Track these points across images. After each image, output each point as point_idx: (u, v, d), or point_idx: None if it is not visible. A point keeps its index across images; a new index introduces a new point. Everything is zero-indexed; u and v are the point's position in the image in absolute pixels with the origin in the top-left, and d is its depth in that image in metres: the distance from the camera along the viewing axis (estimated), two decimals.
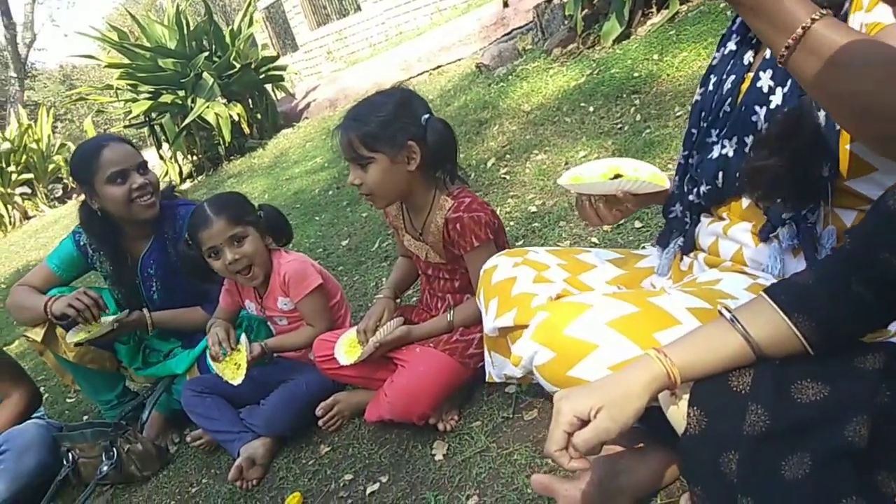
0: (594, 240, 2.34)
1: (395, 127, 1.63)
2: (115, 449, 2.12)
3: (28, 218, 10.93)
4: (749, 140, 1.15)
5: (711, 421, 0.87)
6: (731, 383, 0.88)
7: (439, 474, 1.55)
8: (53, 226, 9.61)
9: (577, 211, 1.45)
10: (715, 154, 1.23)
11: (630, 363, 0.93)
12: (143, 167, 2.18)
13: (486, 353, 1.48)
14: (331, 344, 1.87)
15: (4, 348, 2.88)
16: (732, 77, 1.20)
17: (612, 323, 1.06)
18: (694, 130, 1.29)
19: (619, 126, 3.26)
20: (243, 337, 2.00)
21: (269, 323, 2.18)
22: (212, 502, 1.85)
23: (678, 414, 0.92)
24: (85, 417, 2.80)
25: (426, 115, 1.67)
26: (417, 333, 1.79)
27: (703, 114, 1.26)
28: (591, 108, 3.57)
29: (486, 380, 1.46)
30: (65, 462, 2.21)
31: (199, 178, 7.63)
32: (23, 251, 8.89)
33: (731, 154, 1.19)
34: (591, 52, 4.42)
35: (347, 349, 1.82)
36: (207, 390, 2.08)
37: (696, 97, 1.29)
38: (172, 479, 2.08)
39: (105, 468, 2.11)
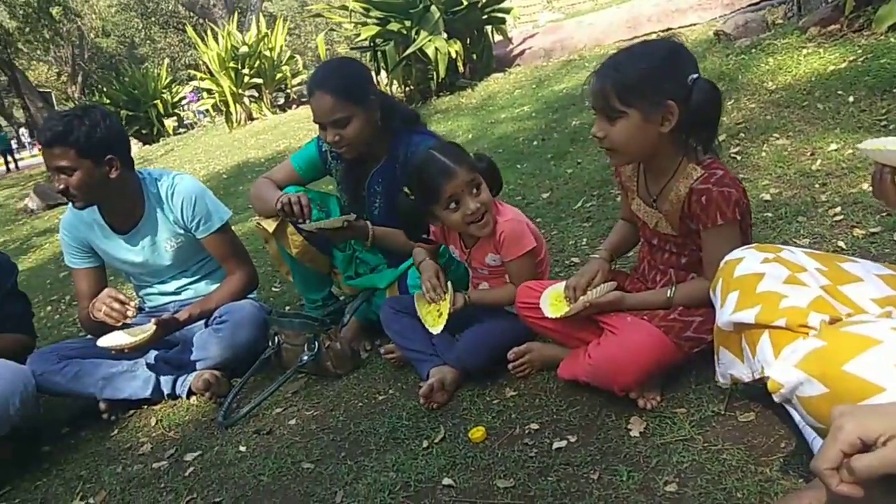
0: (840, 243, 2.09)
1: (656, 82, 1.53)
2: (317, 342, 2.28)
3: (252, 119, 12.02)
4: None
5: None
6: None
7: (634, 450, 1.49)
8: (272, 130, 10.49)
9: (872, 185, 1.27)
10: None
11: None
12: (339, 122, 2.18)
13: (714, 349, 1.38)
14: (536, 293, 1.85)
15: None
16: None
17: None
18: None
19: (884, 124, 2.87)
20: (450, 286, 2.00)
21: (468, 267, 2.19)
22: (396, 413, 1.94)
23: None
24: (287, 308, 3.04)
25: (694, 75, 1.54)
26: (630, 302, 1.72)
27: None
28: (851, 99, 3.17)
29: (715, 378, 1.37)
30: (270, 344, 2.42)
31: None
32: (244, 148, 9.83)
33: None
34: (857, 36, 3.90)
35: (553, 302, 1.79)
36: (405, 310, 2.16)
37: None
38: (361, 383, 2.21)
39: (305, 358, 2.28)
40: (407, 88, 7.99)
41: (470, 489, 1.52)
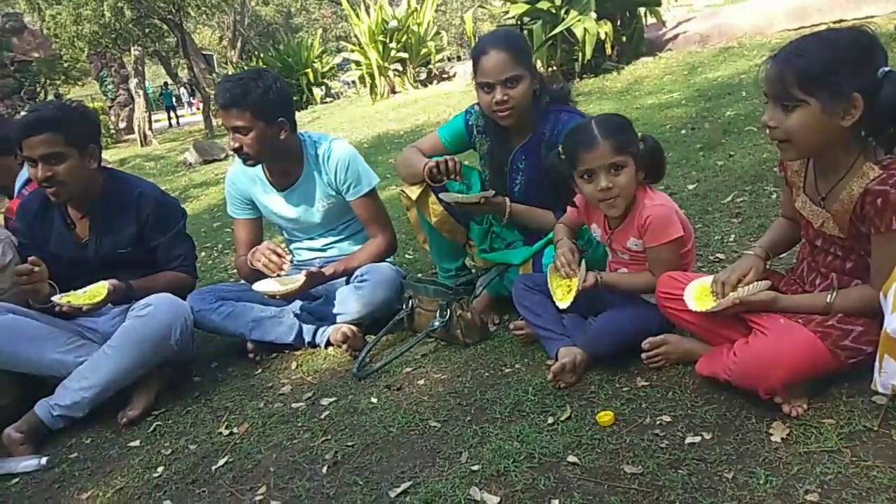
0: None
1: (843, 72, 1.43)
2: (449, 310, 2.34)
3: (394, 92, 12.36)
4: None
5: None
6: None
7: (774, 455, 1.43)
8: (412, 104, 10.74)
9: None
10: None
11: None
12: (511, 81, 2.20)
13: (878, 356, 1.29)
14: (680, 284, 1.80)
15: None
16: None
17: None
18: None
19: None
20: (584, 263, 1.99)
21: (608, 249, 2.16)
22: (522, 387, 1.96)
23: None
24: (419, 275, 3.14)
25: (886, 69, 1.43)
26: (784, 304, 1.63)
27: None
28: None
29: (871, 386, 1.28)
30: (404, 307, 2.52)
31: None
32: (384, 120, 10.14)
33: None
34: None
35: (699, 296, 1.73)
36: (538, 288, 2.17)
37: None
38: (488, 354, 2.25)
39: (436, 323, 2.36)
40: (549, 69, 7.90)
41: (595, 469, 1.52)
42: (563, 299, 1.94)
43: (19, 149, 2.34)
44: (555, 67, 7.84)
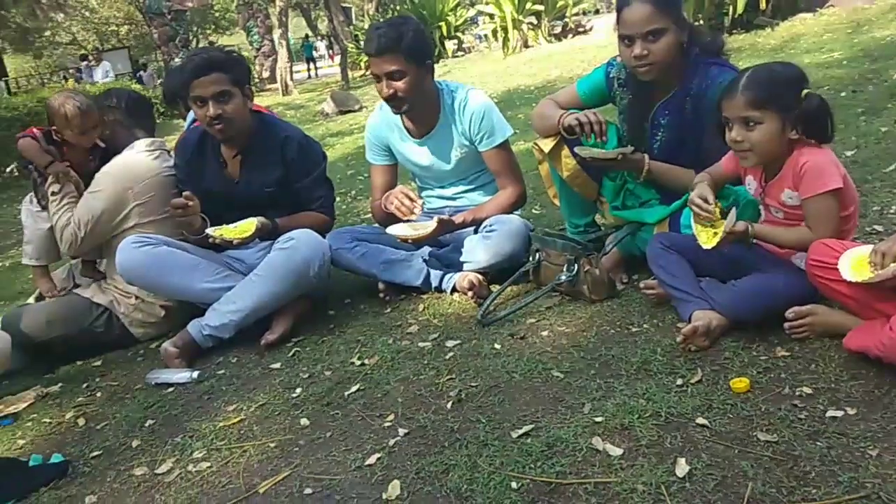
0: None
1: None
2: (576, 265, 2.32)
3: (527, 47, 12.15)
4: None
5: None
6: None
7: None
8: (545, 59, 10.53)
9: None
10: None
11: None
12: (653, 34, 2.10)
13: None
14: (834, 252, 1.68)
15: None
16: None
17: None
18: None
19: None
20: (734, 210, 1.90)
21: (761, 207, 2.04)
22: (650, 347, 1.93)
23: None
24: (547, 229, 3.12)
25: None
26: None
27: None
28: None
29: None
30: (531, 259, 2.53)
31: None
32: (515, 75, 10.03)
33: None
34: None
35: (854, 265, 1.61)
36: (675, 248, 2.10)
37: None
38: (615, 312, 2.22)
39: (563, 277, 2.35)
40: (696, 23, 7.44)
41: (727, 434, 1.48)
42: (708, 241, 1.88)
43: (187, 91, 2.51)
44: (702, 21, 7.38)
